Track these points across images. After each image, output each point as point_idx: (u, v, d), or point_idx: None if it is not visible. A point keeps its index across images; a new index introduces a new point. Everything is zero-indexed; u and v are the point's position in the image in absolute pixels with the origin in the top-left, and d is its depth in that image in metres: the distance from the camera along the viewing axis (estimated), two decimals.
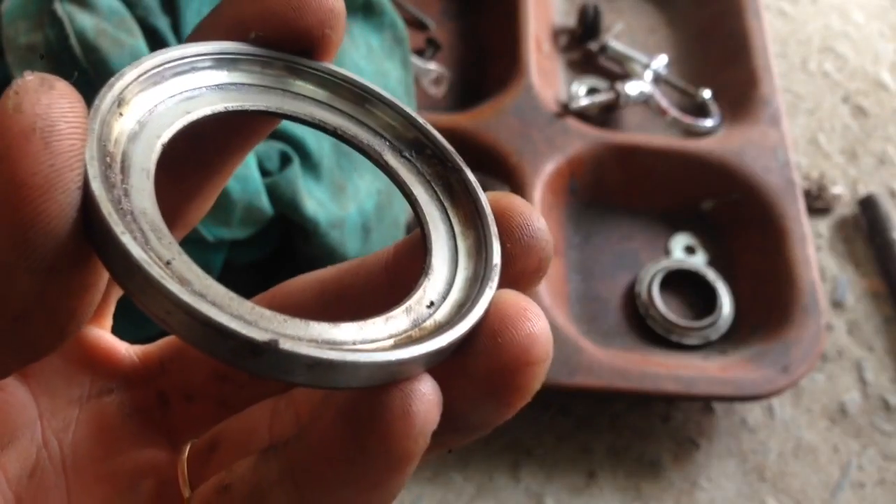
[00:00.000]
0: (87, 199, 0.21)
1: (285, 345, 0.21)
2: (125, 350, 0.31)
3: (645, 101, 1.00)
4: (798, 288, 0.85)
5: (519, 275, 0.26)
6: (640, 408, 0.86)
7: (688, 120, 0.99)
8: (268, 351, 0.21)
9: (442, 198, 0.28)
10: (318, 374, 0.22)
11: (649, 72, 1.02)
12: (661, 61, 1.04)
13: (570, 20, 1.10)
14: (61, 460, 0.29)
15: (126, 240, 0.21)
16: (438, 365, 0.24)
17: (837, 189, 1.02)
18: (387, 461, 0.22)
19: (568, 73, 1.06)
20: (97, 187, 0.21)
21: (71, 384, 0.29)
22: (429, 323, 0.25)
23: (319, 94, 0.28)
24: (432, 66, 1.01)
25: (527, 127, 0.93)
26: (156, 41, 0.60)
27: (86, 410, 0.30)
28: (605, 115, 1.01)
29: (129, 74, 0.24)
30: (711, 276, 0.90)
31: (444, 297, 0.25)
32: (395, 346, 0.23)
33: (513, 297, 0.24)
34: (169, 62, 0.25)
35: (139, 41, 0.58)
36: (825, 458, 0.86)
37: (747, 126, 0.97)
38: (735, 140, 0.96)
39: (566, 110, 0.96)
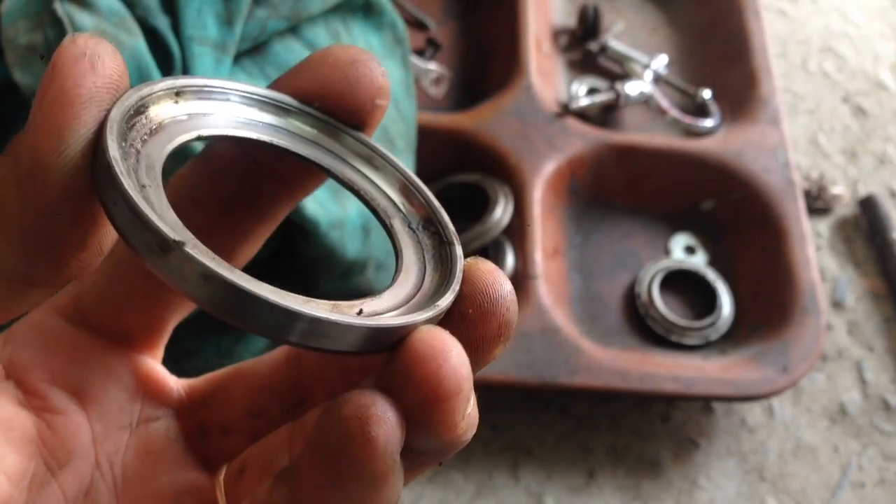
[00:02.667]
0: (101, 127, 0.25)
1: (188, 247, 0.23)
2: (173, 382, 0.34)
3: (645, 101, 1.00)
4: (798, 288, 0.85)
5: (479, 340, 0.27)
6: (640, 408, 0.86)
7: (688, 120, 0.99)
8: (174, 250, 0.23)
9: (426, 262, 0.30)
10: (210, 291, 0.23)
11: (649, 72, 1.02)
12: (661, 61, 1.04)
13: (570, 20, 1.10)
14: (112, 481, 0.31)
15: (112, 148, 0.24)
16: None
17: (837, 189, 1.02)
18: (364, 483, 0.25)
19: (568, 73, 1.06)
20: (115, 113, 0.25)
21: (123, 411, 0.32)
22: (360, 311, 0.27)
23: (356, 160, 0.31)
24: (432, 66, 1.01)
25: (527, 127, 0.93)
26: (156, 41, 0.60)
27: (134, 435, 0.32)
28: (605, 115, 1.01)
29: (202, 80, 0.28)
30: (711, 276, 0.90)
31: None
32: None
33: (427, 335, 0.26)
34: (241, 91, 0.29)
35: (139, 41, 0.58)
36: (825, 458, 0.86)
37: (747, 126, 0.97)
38: (735, 140, 0.96)
39: (566, 110, 0.96)
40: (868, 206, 1.00)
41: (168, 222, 0.24)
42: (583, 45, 1.07)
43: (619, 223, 0.95)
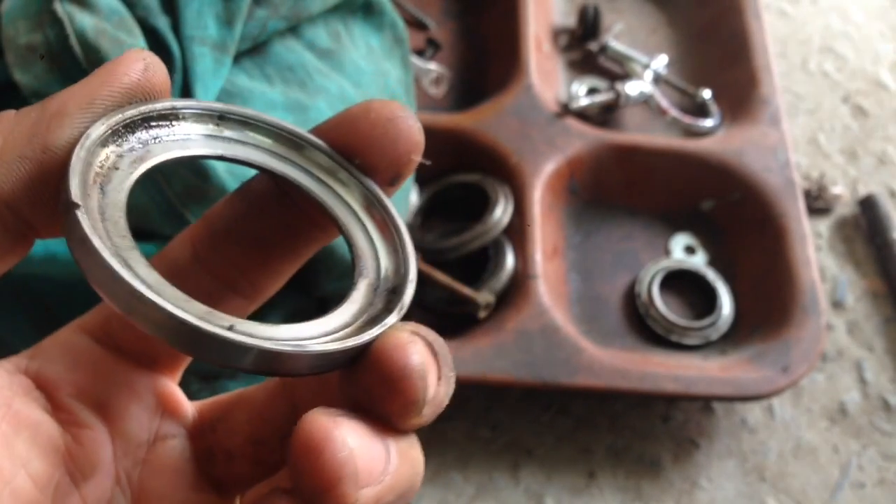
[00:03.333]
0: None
1: (79, 211, 0.25)
2: (188, 404, 0.35)
3: (645, 101, 1.00)
4: (798, 288, 0.85)
5: (385, 415, 0.26)
6: (640, 408, 0.86)
7: (688, 120, 0.99)
8: (70, 211, 0.25)
9: (358, 319, 0.29)
10: (83, 257, 0.24)
11: (649, 72, 1.02)
12: (661, 61, 1.04)
13: (570, 20, 1.10)
14: (131, 497, 0.32)
15: (96, 127, 0.27)
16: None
17: (837, 189, 1.02)
18: None
19: (568, 73, 1.06)
20: (131, 108, 0.28)
21: (142, 429, 0.33)
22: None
23: (359, 210, 0.32)
24: (432, 66, 1.01)
25: (527, 127, 0.93)
26: (156, 41, 0.60)
27: (151, 452, 0.33)
28: (605, 115, 1.01)
29: (232, 108, 0.30)
30: (711, 276, 0.90)
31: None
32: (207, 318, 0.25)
33: (309, 422, 0.25)
34: (276, 128, 0.31)
35: (139, 41, 0.58)
36: (825, 458, 0.86)
37: (747, 126, 0.97)
38: (735, 140, 0.96)
39: (566, 110, 0.96)
40: (868, 206, 1.00)
41: (110, 209, 0.26)
42: (583, 45, 1.07)
43: (619, 223, 0.95)
